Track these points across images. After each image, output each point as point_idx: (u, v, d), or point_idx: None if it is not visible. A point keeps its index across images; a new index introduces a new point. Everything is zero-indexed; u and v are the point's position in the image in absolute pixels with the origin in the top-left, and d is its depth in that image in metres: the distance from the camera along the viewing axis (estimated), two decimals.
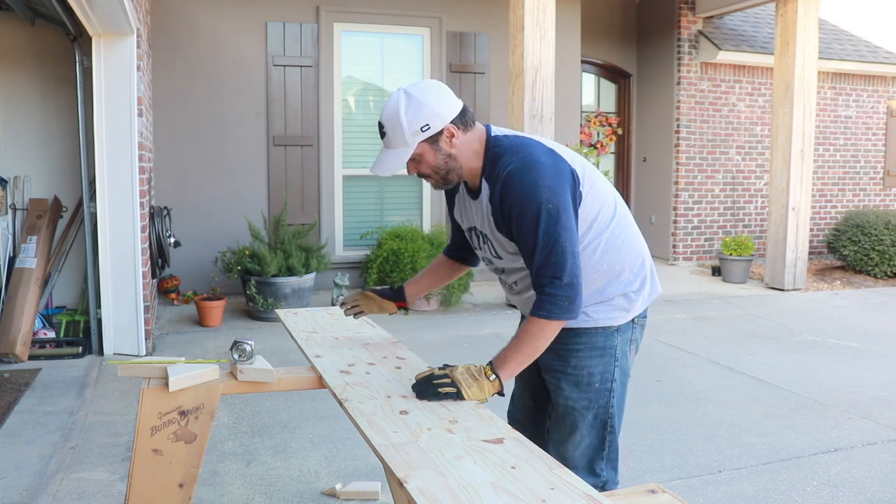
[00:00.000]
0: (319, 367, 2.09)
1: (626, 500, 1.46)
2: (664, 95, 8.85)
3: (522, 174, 1.82)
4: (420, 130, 1.84)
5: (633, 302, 2.01)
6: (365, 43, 7.08)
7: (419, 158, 1.89)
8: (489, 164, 1.91)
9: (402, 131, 1.83)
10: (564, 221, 1.82)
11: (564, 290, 1.81)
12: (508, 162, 1.85)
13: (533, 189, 1.80)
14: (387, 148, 1.89)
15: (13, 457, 3.21)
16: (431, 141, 1.87)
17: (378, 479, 3.01)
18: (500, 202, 1.86)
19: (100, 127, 4.60)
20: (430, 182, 1.96)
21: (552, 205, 1.80)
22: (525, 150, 1.88)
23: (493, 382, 1.82)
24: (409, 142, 1.85)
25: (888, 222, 8.04)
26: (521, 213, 1.81)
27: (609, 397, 2.00)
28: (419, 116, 1.83)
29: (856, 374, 4.69)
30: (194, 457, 1.94)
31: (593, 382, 1.99)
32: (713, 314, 6.44)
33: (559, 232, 1.80)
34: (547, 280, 1.82)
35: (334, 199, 7.02)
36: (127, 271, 4.71)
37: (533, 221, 1.80)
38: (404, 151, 1.86)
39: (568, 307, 1.82)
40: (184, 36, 6.46)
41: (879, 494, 3.00)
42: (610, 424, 2.02)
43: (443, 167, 1.90)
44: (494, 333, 5.56)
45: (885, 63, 9.46)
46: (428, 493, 1.34)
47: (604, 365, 1.99)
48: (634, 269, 2.02)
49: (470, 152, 1.92)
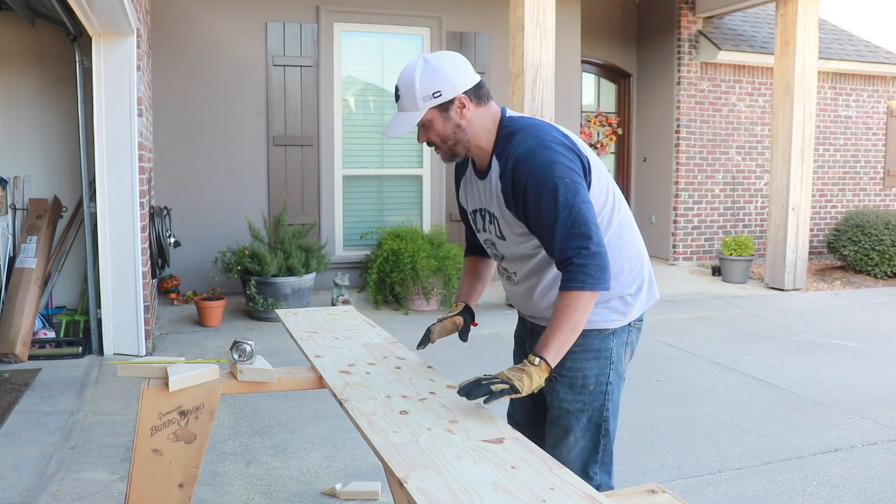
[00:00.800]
0: (319, 367, 2.09)
1: (626, 500, 1.46)
2: (664, 95, 8.85)
3: (537, 151, 1.82)
4: (431, 96, 1.85)
5: (630, 306, 2.00)
6: (365, 43, 7.08)
7: (428, 125, 1.89)
8: (501, 143, 1.90)
9: (413, 95, 1.85)
10: (583, 194, 1.80)
11: (594, 258, 1.76)
12: (522, 140, 1.85)
13: (548, 165, 1.79)
14: (399, 111, 1.90)
15: (13, 457, 3.21)
16: (442, 108, 1.87)
17: (378, 479, 3.01)
18: (511, 179, 1.84)
19: (100, 127, 4.60)
20: (439, 153, 1.96)
21: (569, 178, 1.79)
22: (539, 129, 1.88)
23: (539, 366, 1.75)
24: (419, 106, 1.86)
25: (888, 222, 8.04)
26: (537, 190, 1.79)
27: (604, 400, 1.99)
28: (432, 82, 1.85)
29: (856, 374, 4.69)
30: (194, 457, 1.94)
31: (588, 385, 1.98)
32: (713, 314, 6.44)
33: (579, 203, 1.78)
34: (573, 251, 1.77)
35: (334, 199, 7.02)
36: (127, 271, 4.71)
37: (551, 196, 1.77)
38: (414, 115, 1.87)
39: (600, 276, 1.77)
40: (184, 36, 6.46)
41: (880, 494, 2.99)
42: (604, 427, 2.01)
43: (451, 137, 1.90)
44: (494, 333, 5.55)
45: (885, 63, 9.46)
46: (428, 493, 1.34)
47: (598, 367, 1.98)
48: (633, 272, 2.00)
49: (481, 129, 1.91)
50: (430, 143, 1.95)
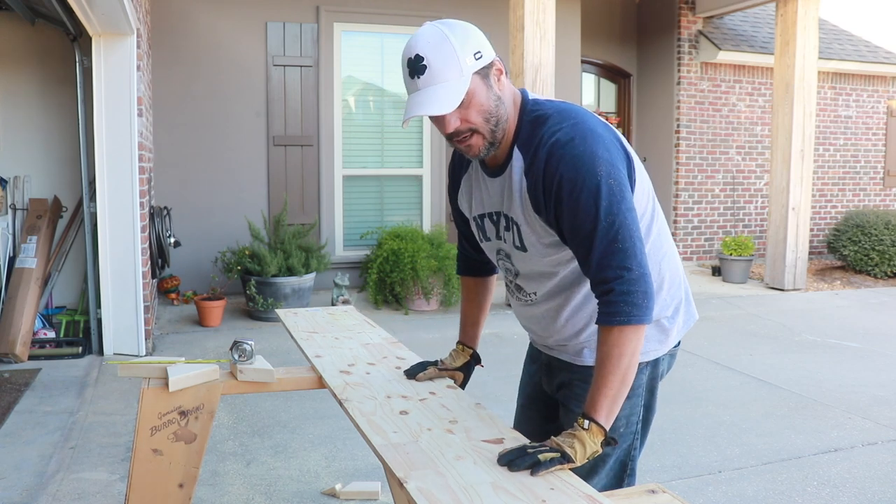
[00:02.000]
0: (319, 367, 2.09)
1: (626, 500, 1.46)
2: (664, 95, 8.85)
3: (576, 142, 1.47)
4: (474, 58, 1.47)
5: (667, 331, 1.70)
6: (365, 43, 7.08)
7: (469, 99, 1.47)
8: (525, 130, 1.55)
9: (454, 58, 1.45)
10: (628, 201, 1.48)
11: (638, 283, 1.45)
12: (556, 127, 1.50)
13: (590, 160, 1.45)
14: (430, 85, 1.46)
15: (13, 457, 3.21)
16: (483, 75, 1.49)
17: (378, 479, 3.01)
18: (543, 173, 1.49)
19: (100, 127, 4.60)
20: (472, 144, 1.53)
21: (613, 180, 1.46)
22: (576, 115, 1.53)
23: (590, 430, 1.46)
24: (463, 70, 1.45)
25: (888, 222, 8.04)
26: (574, 189, 1.45)
27: (633, 440, 1.74)
28: (470, 42, 1.47)
29: (856, 374, 4.69)
30: (194, 457, 1.94)
31: (618, 427, 1.69)
32: (713, 314, 6.44)
33: (624, 212, 1.46)
34: (614, 272, 1.45)
35: (334, 199, 7.02)
36: (127, 271, 4.71)
37: (591, 198, 1.44)
38: (460, 83, 1.45)
39: (646, 306, 1.46)
40: (184, 36, 6.45)
41: (880, 494, 2.99)
42: (630, 467, 1.77)
43: (494, 112, 1.50)
44: (495, 333, 5.55)
45: (885, 63, 9.46)
46: (428, 493, 1.34)
47: (630, 407, 1.70)
48: (672, 290, 1.70)
49: (509, 109, 1.55)
50: (467, 129, 1.51)
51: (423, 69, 1.46)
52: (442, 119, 1.50)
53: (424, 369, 1.95)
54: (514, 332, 5.60)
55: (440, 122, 1.51)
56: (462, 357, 1.98)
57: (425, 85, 1.47)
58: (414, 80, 1.48)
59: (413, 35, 1.52)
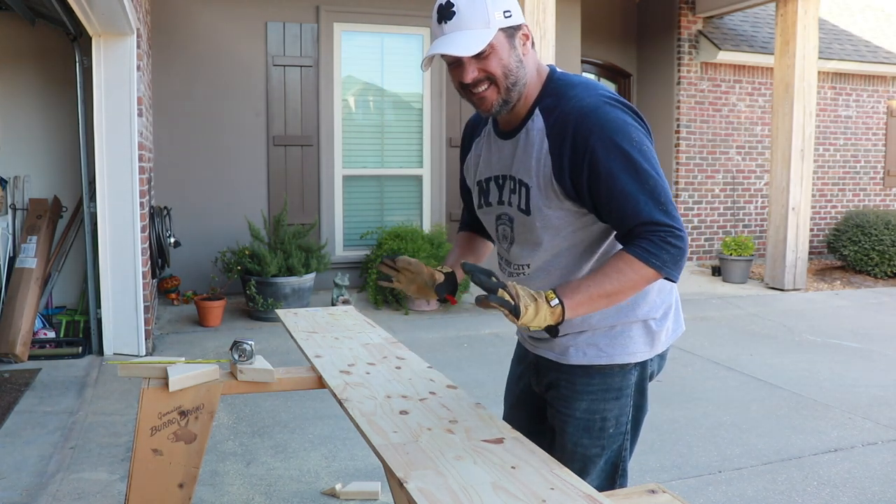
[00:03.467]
0: (319, 367, 2.09)
1: (626, 500, 1.46)
2: (664, 95, 8.85)
3: (608, 109, 1.50)
4: (503, 14, 1.51)
5: (655, 334, 1.69)
6: (365, 43, 7.07)
7: (491, 52, 1.51)
8: (549, 95, 1.58)
9: (484, 10, 1.49)
10: (659, 169, 1.50)
11: (680, 242, 1.46)
12: (584, 95, 1.53)
13: (621, 125, 1.49)
14: (456, 31, 1.50)
15: (13, 457, 3.21)
16: (508, 34, 1.53)
17: (378, 479, 3.01)
18: (572, 137, 1.50)
19: (100, 127, 4.60)
20: (486, 96, 1.55)
21: (646, 147, 1.49)
22: (604, 88, 1.57)
23: (553, 308, 1.44)
24: (490, 23, 1.49)
25: (888, 222, 8.04)
26: (612, 153, 1.46)
27: (623, 440, 1.73)
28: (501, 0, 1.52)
29: (856, 374, 4.69)
30: (194, 457, 1.94)
31: (607, 428, 1.70)
32: (713, 314, 6.44)
33: (659, 175, 1.49)
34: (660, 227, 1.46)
35: (334, 199, 7.02)
36: (127, 271, 4.71)
37: (626, 158, 1.47)
38: (484, 33, 1.49)
39: (677, 263, 1.47)
40: (184, 36, 6.45)
41: (880, 495, 2.99)
42: (621, 468, 1.75)
43: (514, 71, 1.53)
44: (495, 333, 5.55)
45: (885, 63, 9.46)
46: (428, 493, 1.34)
47: (619, 408, 1.70)
48: (662, 292, 1.71)
49: (532, 75, 1.58)
50: (486, 78, 1.53)
51: (451, 14, 1.50)
52: (461, 66, 1.53)
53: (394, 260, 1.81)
54: (513, 332, 5.59)
55: (459, 69, 1.54)
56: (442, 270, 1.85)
57: (451, 30, 1.51)
58: (441, 24, 1.52)
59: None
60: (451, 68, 1.56)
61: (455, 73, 1.56)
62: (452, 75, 1.58)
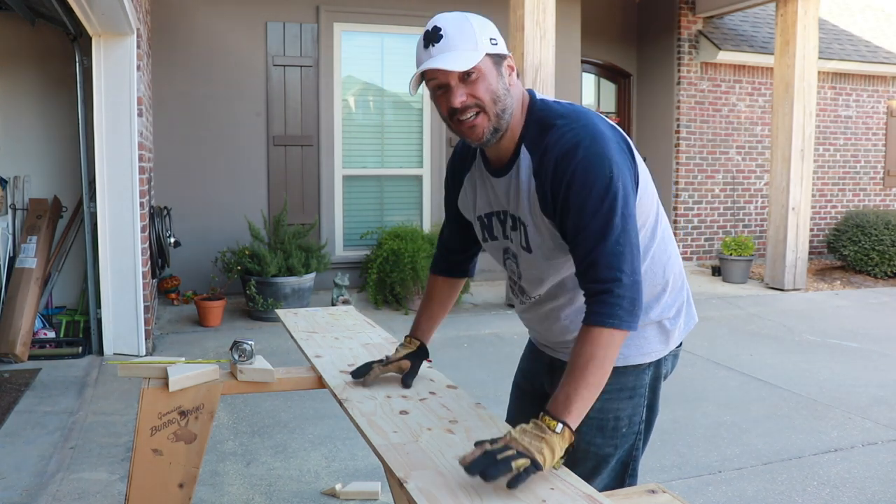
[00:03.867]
0: (319, 367, 2.09)
1: (626, 500, 1.46)
2: (664, 95, 8.85)
3: (587, 143, 1.49)
4: (490, 42, 1.52)
5: (669, 333, 1.72)
6: (365, 43, 7.08)
7: (479, 76, 1.50)
8: (533, 129, 1.57)
9: (471, 34, 1.50)
10: (630, 207, 1.50)
11: (630, 289, 1.46)
12: (567, 129, 1.52)
13: (600, 161, 1.47)
14: (445, 51, 1.49)
15: (13, 457, 3.21)
16: (496, 61, 1.53)
17: (378, 479, 3.01)
18: (553, 175, 1.50)
19: (100, 127, 4.60)
20: (476, 124, 1.53)
21: (621, 184, 1.48)
22: (585, 118, 1.54)
23: (561, 434, 1.39)
24: (478, 46, 1.49)
25: (888, 222, 8.04)
26: (584, 189, 1.47)
27: (635, 440, 1.74)
28: (488, 28, 1.54)
29: (856, 374, 4.69)
30: (194, 457, 1.94)
31: (620, 427, 1.71)
32: (713, 314, 6.44)
33: (626, 217, 1.48)
34: (612, 273, 1.45)
35: (334, 199, 7.02)
36: (127, 271, 4.71)
37: (598, 197, 1.46)
38: (473, 54, 1.48)
39: (636, 313, 1.47)
40: (184, 36, 6.46)
41: (879, 494, 2.99)
42: (632, 467, 1.76)
43: (502, 98, 1.52)
44: (495, 333, 5.56)
45: (885, 63, 9.46)
46: (428, 493, 1.34)
47: (632, 407, 1.72)
48: (674, 292, 1.72)
49: (516, 107, 1.57)
50: (466, 109, 1.51)
51: (439, 38, 1.49)
52: (449, 92, 1.51)
53: (370, 369, 1.89)
54: (514, 332, 5.60)
55: (446, 96, 1.51)
56: (408, 348, 1.94)
57: (439, 51, 1.49)
58: (428, 48, 1.51)
59: (434, 18, 1.56)
60: (439, 95, 1.54)
61: (442, 100, 1.53)
62: (440, 104, 1.55)
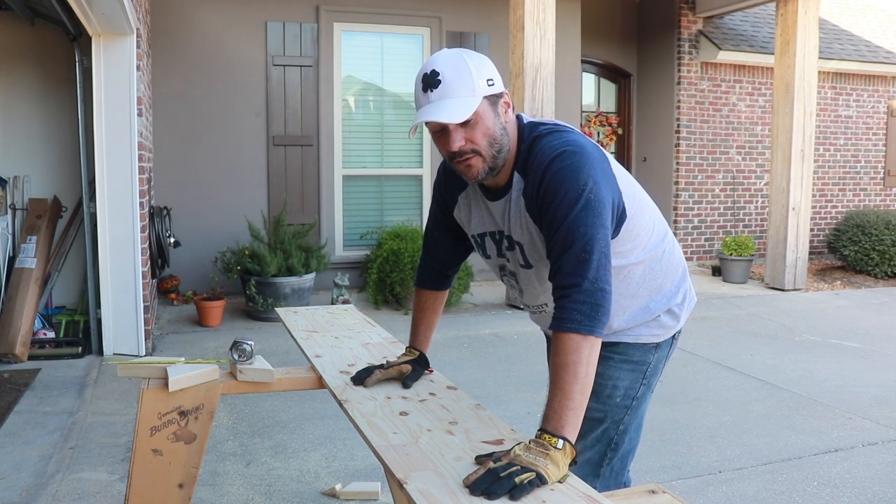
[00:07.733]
0: (319, 367, 2.09)
1: (626, 500, 1.46)
2: (664, 95, 8.85)
3: (565, 157, 1.55)
4: (486, 84, 1.55)
5: (677, 317, 1.84)
6: (365, 43, 7.08)
7: (477, 120, 1.54)
8: (523, 154, 1.63)
9: (469, 79, 1.52)
10: (604, 218, 1.53)
11: (591, 295, 1.49)
12: (549, 146, 1.58)
13: (576, 172, 1.53)
14: (443, 98, 1.52)
15: (13, 457, 3.21)
16: (492, 102, 1.57)
17: (378, 479, 3.01)
18: (537, 189, 1.57)
19: (100, 127, 4.60)
20: (472, 165, 1.58)
21: (593, 195, 1.52)
22: (568, 134, 1.62)
23: (563, 450, 1.41)
24: (476, 91, 1.52)
25: (888, 222, 8.04)
26: (557, 198, 1.53)
27: (625, 414, 1.82)
28: (485, 68, 1.56)
29: (856, 374, 4.69)
30: (194, 457, 1.94)
31: (615, 396, 1.80)
32: (713, 314, 6.43)
33: (597, 227, 1.51)
34: (572, 280, 1.50)
35: (334, 199, 7.02)
36: (127, 271, 4.71)
37: (569, 205, 1.51)
38: (471, 100, 1.52)
39: (597, 318, 1.48)
40: (184, 36, 6.45)
41: (880, 495, 2.99)
42: (615, 441, 1.82)
43: (498, 139, 1.57)
44: (494, 333, 5.55)
45: (886, 63, 9.46)
46: (428, 493, 1.34)
47: (631, 380, 1.81)
48: (675, 279, 1.84)
49: (513, 139, 1.64)
50: (470, 149, 1.56)
51: (437, 83, 1.53)
52: (447, 136, 1.56)
53: (370, 374, 1.93)
54: (514, 331, 5.60)
55: (445, 139, 1.57)
56: (409, 356, 2.01)
57: (437, 98, 1.54)
58: (426, 93, 1.55)
59: (431, 56, 1.60)
60: (437, 137, 1.59)
61: (441, 142, 1.59)
62: (438, 144, 1.60)
